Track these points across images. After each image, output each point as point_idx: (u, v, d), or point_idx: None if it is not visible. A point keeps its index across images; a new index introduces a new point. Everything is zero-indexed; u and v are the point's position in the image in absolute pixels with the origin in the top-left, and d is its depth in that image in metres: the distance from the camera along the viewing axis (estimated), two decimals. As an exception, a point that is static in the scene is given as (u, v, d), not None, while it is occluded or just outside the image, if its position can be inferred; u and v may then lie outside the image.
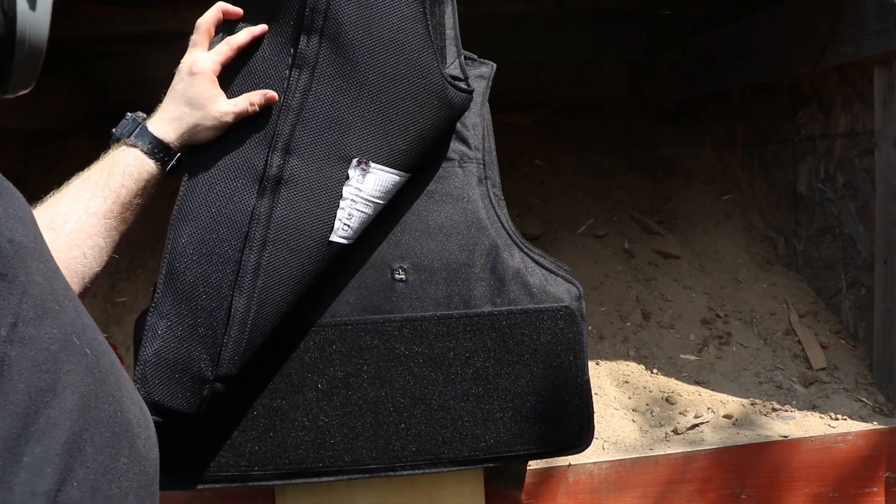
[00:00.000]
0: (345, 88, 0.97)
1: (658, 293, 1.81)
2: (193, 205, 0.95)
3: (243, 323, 0.92)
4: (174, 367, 0.91)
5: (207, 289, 0.93)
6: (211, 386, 0.92)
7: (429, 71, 0.99)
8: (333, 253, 0.98)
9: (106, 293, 1.87)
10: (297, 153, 0.96)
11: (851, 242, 1.66)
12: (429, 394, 1.03)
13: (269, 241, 0.94)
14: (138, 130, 0.92)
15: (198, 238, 0.94)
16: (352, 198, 0.97)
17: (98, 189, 0.88)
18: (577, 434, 1.06)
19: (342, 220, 0.97)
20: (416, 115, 0.99)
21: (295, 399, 1.01)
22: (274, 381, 1.01)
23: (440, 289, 1.04)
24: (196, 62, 0.95)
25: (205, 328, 0.92)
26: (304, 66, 0.98)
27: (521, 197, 2.11)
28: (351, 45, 0.97)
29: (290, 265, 0.95)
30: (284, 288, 0.95)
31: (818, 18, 1.64)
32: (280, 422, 1.00)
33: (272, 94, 0.96)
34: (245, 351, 0.93)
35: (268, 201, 0.95)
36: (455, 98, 1.02)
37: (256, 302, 0.93)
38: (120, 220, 0.90)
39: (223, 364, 0.92)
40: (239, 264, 0.93)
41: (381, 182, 0.99)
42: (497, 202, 1.09)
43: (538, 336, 1.04)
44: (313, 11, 0.97)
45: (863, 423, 1.40)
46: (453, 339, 1.03)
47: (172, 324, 0.92)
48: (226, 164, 0.96)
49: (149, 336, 0.92)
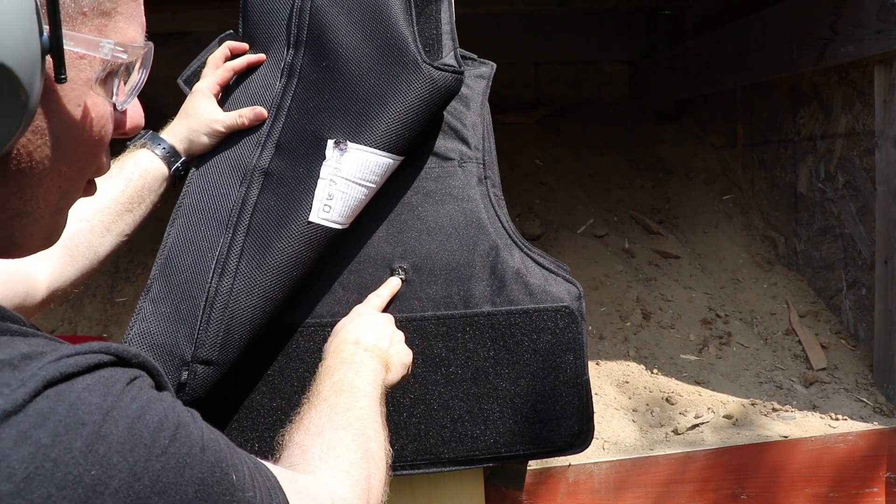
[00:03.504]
0: (325, 82, 1.04)
1: (658, 293, 1.81)
2: (189, 200, 1.02)
3: (224, 305, 0.93)
4: (156, 347, 0.93)
5: (193, 274, 0.96)
6: (190, 368, 0.92)
7: (403, 51, 1.02)
8: (322, 238, 0.98)
9: (106, 293, 1.87)
10: (282, 148, 1.03)
11: (852, 242, 1.66)
12: (428, 393, 1.03)
13: (252, 226, 0.98)
14: (149, 135, 1.05)
15: (189, 227, 1.00)
16: (330, 178, 0.98)
17: (110, 177, 0.97)
18: (577, 434, 1.06)
19: (321, 200, 0.97)
20: (394, 95, 1.00)
21: (295, 399, 1.01)
22: (274, 381, 1.01)
23: (440, 288, 1.04)
24: (198, 84, 1.10)
25: (187, 309, 0.94)
26: (292, 75, 1.07)
27: (521, 197, 2.11)
28: (330, 42, 1.05)
29: (273, 248, 0.96)
30: (268, 272, 0.95)
31: (818, 18, 1.64)
32: (280, 422, 1.00)
33: (261, 111, 1.06)
34: (227, 336, 0.93)
35: (253, 191, 1.01)
36: (438, 77, 1.02)
37: (238, 284, 0.94)
38: (128, 207, 0.98)
39: (203, 345, 0.92)
40: (223, 248, 0.97)
41: (364, 163, 0.99)
42: (497, 202, 1.09)
43: (538, 336, 1.04)
44: (299, 28, 1.08)
45: (863, 424, 1.40)
46: (453, 339, 1.03)
47: (158, 307, 0.95)
48: (220, 163, 1.04)
49: (136, 317, 0.95)
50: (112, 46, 0.53)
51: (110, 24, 0.54)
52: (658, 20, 2.73)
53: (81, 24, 0.52)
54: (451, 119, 1.11)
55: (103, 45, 0.53)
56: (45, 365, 0.44)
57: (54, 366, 0.44)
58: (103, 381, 0.46)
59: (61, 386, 0.44)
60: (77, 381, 0.44)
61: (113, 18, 0.54)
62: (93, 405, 0.44)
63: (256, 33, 1.14)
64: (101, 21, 0.53)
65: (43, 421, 0.42)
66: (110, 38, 0.54)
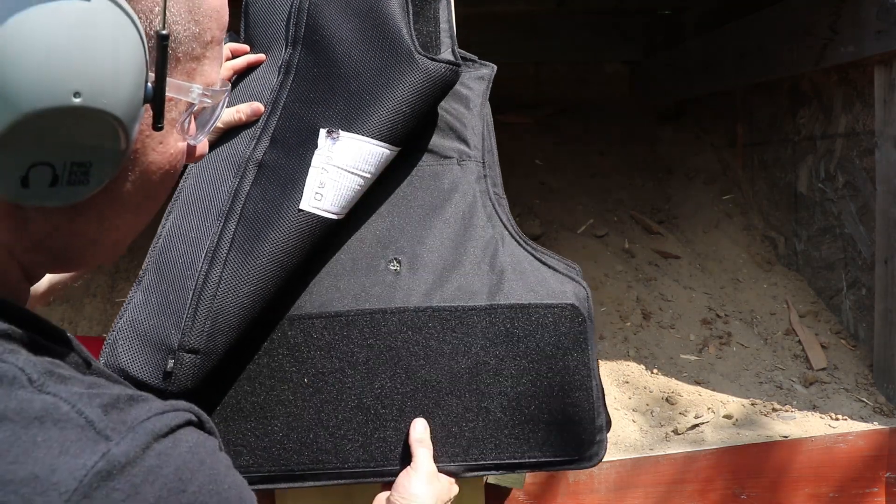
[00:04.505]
0: (320, 77, 1.04)
1: (658, 293, 1.81)
2: (185, 194, 1.02)
3: (213, 293, 0.93)
4: (143, 334, 0.92)
5: (185, 263, 0.96)
6: (177, 357, 0.91)
7: (397, 44, 1.02)
8: (314, 227, 0.97)
9: (105, 293, 1.87)
10: (277, 140, 1.03)
11: (852, 242, 1.66)
12: (425, 390, 1.01)
13: (244, 215, 0.98)
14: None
15: (183, 219, 1.00)
16: (322, 166, 0.98)
17: None
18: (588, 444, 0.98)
19: (313, 188, 0.97)
20: (388, 85, 1.00)
21: (283, 395, 1.00)
22: (262, 374, 1.00)
23: (436, 282, 1.02)
24: None
25: (176, 298, 0.94)
26: (289, 71, 1.07)
27: (521, 197, 2.11)
28: (326, 39, 1.06)
29: (264, 237, 0.96)
30: (258, 261, 0.95)
31: (818, 18, 1.64)
32: (267, 418, 1.00)
33: (258, 106, 1.05)
34: (215, 325, 0.92)
35: (247, 181, 1.00)
36: (432, 68, 1.02)
37: (228, 272, 0.94)
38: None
39: (189, 334, 0.91)
40: (214, 237, 0.96)
41: (357, 151, 0.98)
42: (497, 200, 1.08)
43: (539, 333, 1.00)
44: (296, 27, 1.08)
45: (863, 424, 1.40)
46: (448, 333, 1.00)
47: (149, 296, 0.94)
48: (216, 157, 1.04)
49: (127, 306, 0.94)
50: (200, 91, 0.55)
51: (199, 68, 0.55)
52: (658, 20, 2.73)
53: (174, 70, 0.53)
54: (451, 119, 1.11)
55: (193, 90, 0.54)
56: (151, 417, 0.46)
57: (160, 420, 0.47)
58: (200, 445, 0.49)
59: (166, 441, 0.46)
60: (180, 441, 0.47)
61: (202, 63, 0.55)
62: (194, 472, 0.47)
63: (257, 33, 1.14)
64: (191, 66, 0.54)
65: (153, 479, 0.44)
66: (197, 82, 0.55)
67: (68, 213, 0.52)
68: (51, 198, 0.47)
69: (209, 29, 0.55)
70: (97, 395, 0.46)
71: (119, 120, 0.46)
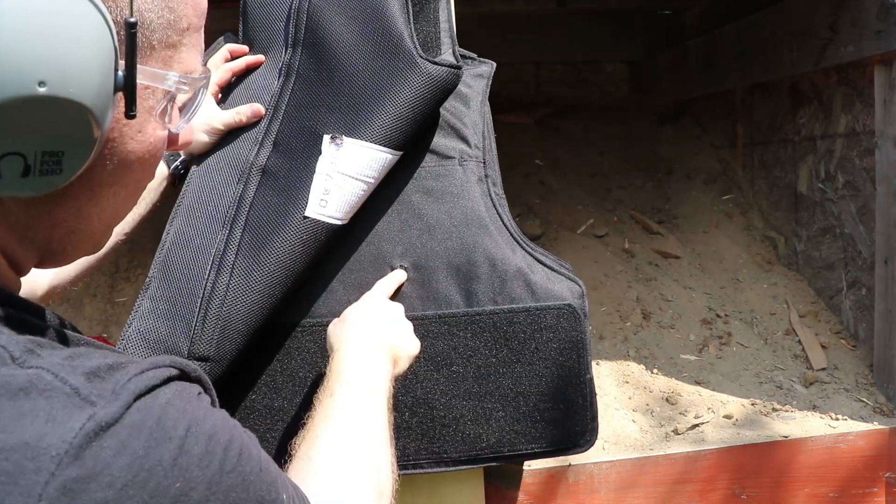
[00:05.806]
0: (322, 80, 1.04)
1: (658, 293, 1.81)
2: (188, 199, 1.02)
3: (221, 301, 0.93)
4: (153, 343, 0.93)
5: (191, 271, 0.96)
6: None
7: (399, 47, 1.02)
8: (319, 233, 0.97)
9: (106, 293, 1.87)
10: (280, 145, 1.03)
11: (852, 242, 1.66)
12: (430, 393, 1.02)
13: (249, 222, 0.98)
14: None
15: (188, 225, 1.00)
16: (326, 172, 0.98)
17: None
18: (581, 433, 1.06)
19: (318, 195, 0.97)
20: (390, 90, 1.00)
21: (296, 399, 1.01)
22: (275, 381, 1.01)
23: (441, 287, 1.03)
24: None
25: (184, 306, 0.94)
26: (290, 74, 1.07)
27: (521, 197, 2.11)
28: (327, 41, 1.05)
29: (270, 244, 0.96)
30: (265, 268, 0.95)
31: (818, 18, 1.64)
32: (281, 422, 1.00)
33: (258, 108, 1.06)
34: (224, 332, 0.93)
35: (251, 188, 1.01)
36: (434, 72, 1.02)
37: (235, 280, 0.94)
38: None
39: (199, 341, 0.92)
40: (220, 245, 0.97)
41: (360, 157, 0.99)
42: (498, 200, 1.09)
43: (541, 334, 1.03)
44: (296, 28, 1.08)
45: (863, 424, 1.40)
46: (455, 338, 1.03)
47: (156, 304, 0.95)
48: (219, 162, 1.04)
49: (135, 314, 0.95)
50: (177, 79, 0.55)
51: (175, 56, 0.55)
52: (658, 20, 2.72)
53: (149, 57, 0.53)
54: (452, 118, 1.11)
55: (168, 77, 0.54)
56: (132, 378, 0.48)
57: (140, 379, 0.48)
58: (178, 395, 0.50)
59: (147, 398, 0.47)
60: (159, 395, 0.48)
61: (178, 50, 0.55)
62: (176, 420, 0.48)
63: (256, 35, 1.14)
64: (167, 53, 0.54)
65: (137, 432, 0.45)
66: (174, 70, 0.55)
67: (46, 204, 0.52)
68: (24, 188, 0.47)
69: (185, 16, 0.55)
70: (79, 365, 0.47)
71: (88, 109, 0.46)
